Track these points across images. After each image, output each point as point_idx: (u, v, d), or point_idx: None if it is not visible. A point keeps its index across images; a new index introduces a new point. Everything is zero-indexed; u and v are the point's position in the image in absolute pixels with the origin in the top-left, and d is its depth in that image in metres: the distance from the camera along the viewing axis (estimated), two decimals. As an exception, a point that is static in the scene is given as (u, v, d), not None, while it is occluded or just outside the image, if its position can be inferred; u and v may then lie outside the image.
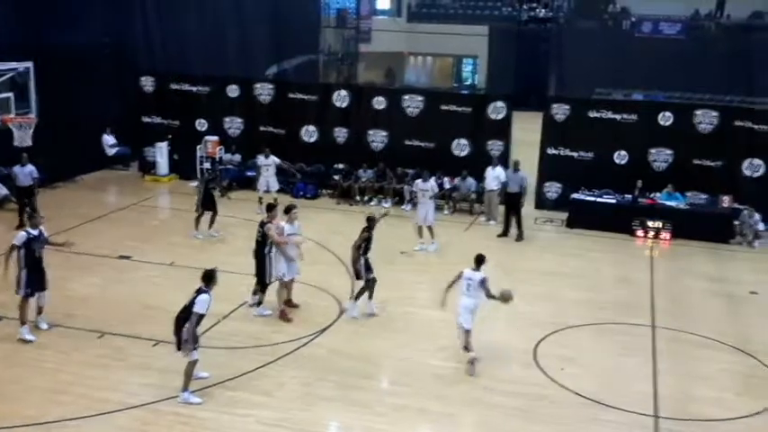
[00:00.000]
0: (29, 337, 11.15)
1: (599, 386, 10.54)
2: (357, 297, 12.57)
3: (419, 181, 16.74)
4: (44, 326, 11.54)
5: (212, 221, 16.15)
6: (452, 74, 45.96)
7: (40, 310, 11.50)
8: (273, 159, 18.48)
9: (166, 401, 9.68)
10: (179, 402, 9.69)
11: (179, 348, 9.68)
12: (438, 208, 19.11)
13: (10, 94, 13.97)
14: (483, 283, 10.76)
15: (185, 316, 9.62)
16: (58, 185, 19.82)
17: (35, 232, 11.34)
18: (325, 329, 11.99)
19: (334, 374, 10.57)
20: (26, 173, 16.25)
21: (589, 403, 10.15)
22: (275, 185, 18.55)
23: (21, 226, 15.94)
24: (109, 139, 21.73)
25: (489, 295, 10.80)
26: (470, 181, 19.01)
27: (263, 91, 21.00)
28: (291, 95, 20.84)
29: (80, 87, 20.26)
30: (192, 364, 9.71)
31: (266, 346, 11.30)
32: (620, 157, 18.75)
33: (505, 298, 10.86)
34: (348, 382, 10.38)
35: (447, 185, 19.17)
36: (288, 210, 12.50)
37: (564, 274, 15.19)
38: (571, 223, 18.12)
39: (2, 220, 16.64)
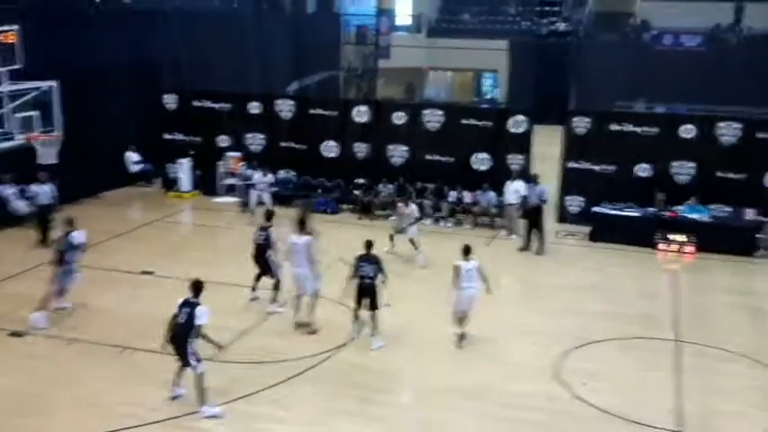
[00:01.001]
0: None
1: (622, 401, 10.45)
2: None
3: (401, 204, 16.32)
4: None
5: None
6: (472, 88, 45.98)
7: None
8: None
9: (187, 417, 9.72)
10: (202, 417, 9.73)
11: (186, 364, 9.74)
12: (458, 223, 19.17)
13: (34, 113, 14.18)
14: (480, 269, 11.85)
15: (185, 332, 9.62)
16: (82, 201, 20.04)
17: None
18: (345, 345, 11.98)
19: (355, 389, 10.56)
20: (46, 191, 16.49)
21: (612, 418, 10.05)
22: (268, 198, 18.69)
23: (44, 242, 16.18)
24: (132, 156, 21.98)
25: (485, 279, 11.90)
26: (490, 194, 18.98)
27: (285, 107, 21.16)
28: (312, 111, 20.97)
29: (104, 105, 20.56)
30: (202, 376, 9.76)
31: (287, 361, 11.31)
32: (642, 169, 18.63)
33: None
34: (368, 397, 10.38)
35: (467, 200, 19.16)
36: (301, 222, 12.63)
37: (586, 288, 15.09)
38: (594, 237, 18.00)
39: (25, 237, 16.81)
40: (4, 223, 17.28)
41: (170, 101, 21.94)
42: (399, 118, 20.21)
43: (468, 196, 19.23)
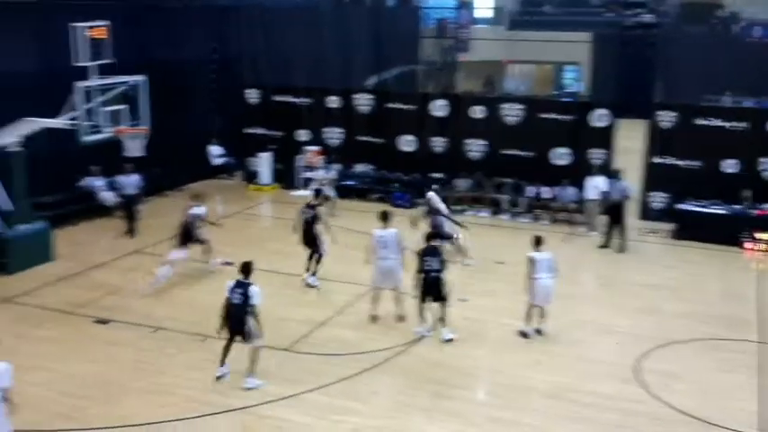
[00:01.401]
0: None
1: (701, 403, 10.12)
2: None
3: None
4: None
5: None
6: (553, 81, 45.22)
7: None
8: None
9: (266, 405, 9.89)
10: (247, 387, 10.22)
11: (246, 340, 10.21)
12: (537, 218, 18.88)
13: (123, 107, 14.66)
14: (553, 261, 11.91)
15: (242, 311, 10.09)
16: (167, 194, 20.66)
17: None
18: (419, 339, 11.97)
19: (429, 384, 10.54)
20: (131, 182, 17.15)
21: (691, 420, 9.75)
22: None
23: (129, 232, 16.78)
24: (215, 150, 22.50)
25: (556, 271, 11.97)
26: (570, 190, 18.62)
27: (363, 101, 21.27)
28: (390, 105, 21.01)
29: (188, 100, 21.12)
30: (258, 350, 10.28)
31: (361, 353, 11.39)
32: (729, 165, 17.93)
33: None
34: (442, 392, 10.34)
35: (546, 195, 18.86)
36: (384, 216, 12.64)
37: (668, 287, 14.66)
38: (678, 234, 17.44)
39: (112, 227, 17.47)
40: (92, 214, 17.98)
41: (252, 95, 22.36)
42: (478, 112, 20.03)
43: (546, 192, 18.91)
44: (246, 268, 10.41)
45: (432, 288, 11.82)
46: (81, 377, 10.55)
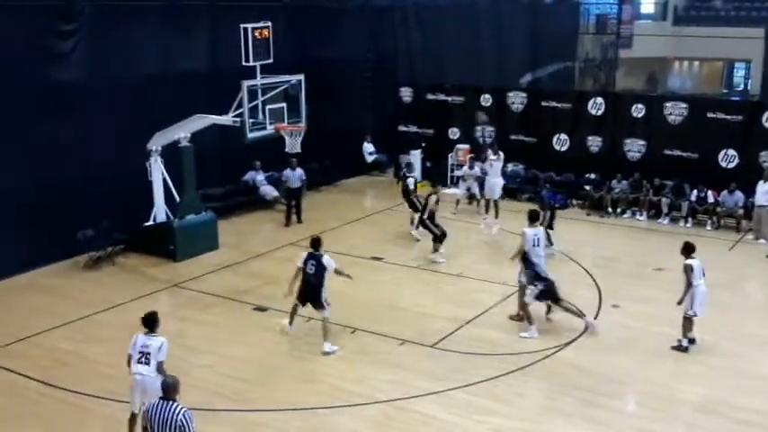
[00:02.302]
0: None
1: None
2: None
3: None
4: None
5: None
6: (721, 79, 42.68)
7: None
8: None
9: (411, 400, 10.01)
10: (325, 352, 11.22)
11: (320, 308, 11.26)
12: (700, 224, 17.92)
13: (283, 105, 15.27)
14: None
15: (318, 280, 11.17)
16: (322, 189, 21.36)
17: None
18: (569, 343, 11.70)
19: (576, 390, 10.28)
20: (296, 176, 17.97)
21: None
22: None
23: (288, 225, 17.52)
24: (368, 147, 23.01)
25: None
26: (738, 195, 17.50)
27: (516, 99, 21.01)
28: (544, 103, 20.63)
29: (343, 98, 21.70)
30: (328, 319, 11.32)
31: (508, 354, 11.27)
32: None
33: None
34: (589, 400, 10.05)
35: (710, 199, 17.83)
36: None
37: None
38: None
39: (271, 220, 18.31)
40: (253, 206, 18.90)
41: (406, 94, 22.66)
42: (638, 110, 19.25)
43: (711, 196, 17.86)
44: (316, 242, 11.44)
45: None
46: (241, 361, 11.13)
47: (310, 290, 11.27)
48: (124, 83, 15.86)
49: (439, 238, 15.40)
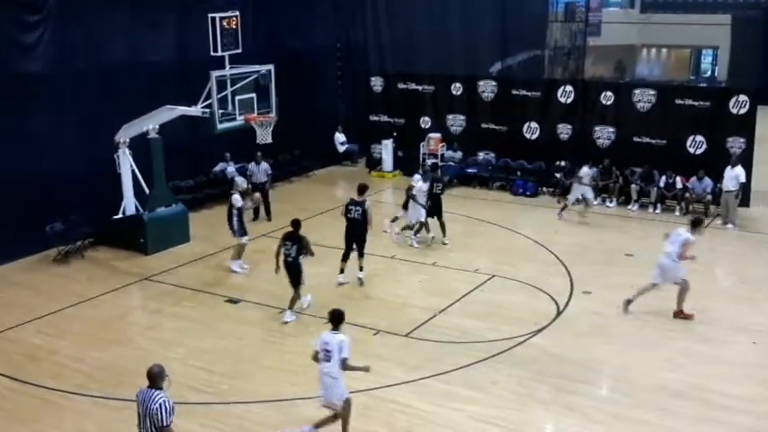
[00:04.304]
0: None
1: None
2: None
3: (417, 177, 15.73)
4: None
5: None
6: (689, 66, 43.17)
7: None
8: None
9: (387, 389, 10.01)
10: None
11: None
12: (668, 209, 18.13)
13: (253, 95, 15.16)
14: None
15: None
16: (293, 180, 21.26)
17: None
18: (541, 330, 11.79)
19: (549, 376, 10.36)
20: (261, 170, 17.68)
21: (838, 431, 9.12)
22: None
23: (255, 219, 17.31)
24: (340, 137, 22.95)
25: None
26: (707, 181, 17.72)
27: (486, 88, 21.05)
28: (515, 92, 20.69)
29: (314, 88, 21.61)
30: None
31: (481, 342, 11.33)
32: None
33: None
34: (563, 386, 10.13)
35: (679, 185, 18.04)
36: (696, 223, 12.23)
37: (813, 285, 13.75)
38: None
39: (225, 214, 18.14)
40: (224, 198, 18.62)
41: (376, 83, 22.60)
42: (607, 98, 19.40)
43: (679, 181, 18.08)
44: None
45: None
46: (214, 353, 11.07)
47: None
48: (91, 74, 15.67)
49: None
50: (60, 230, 14.93)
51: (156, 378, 7.21)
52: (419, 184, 15.42)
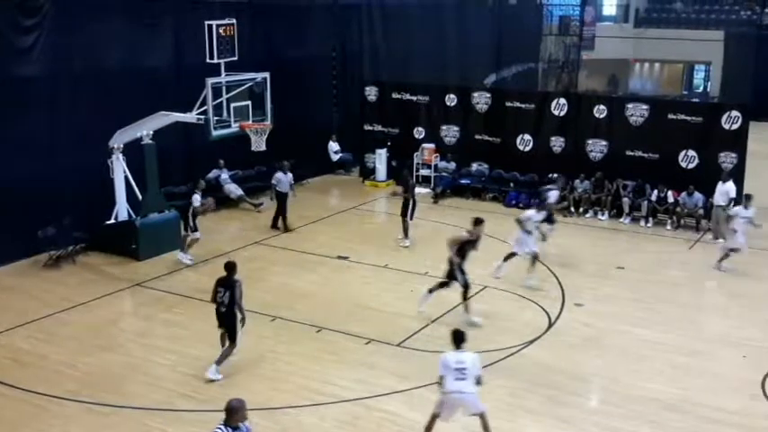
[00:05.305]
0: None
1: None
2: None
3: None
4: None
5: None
6: (682, 81, 43.44)
7: None
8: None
9: (377, 398, 10.01)
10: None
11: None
12: (660, 223, 18.20)
13: (248, 103, 15.18)
14: None
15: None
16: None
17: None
18: (533, 341, 11.81)
19: (540, 388, 10.38)
20: (287, 180, 17.27)
21: (827, 445, 9.16)
22: None
23: (274, 227, 17.27)
24: (333, 146, 22.95)
25: None
26: (697, 196, 17.80)
27: (481, 99, 21.11)
28: (509, 104, 20.76)
29: (309, 97, 21.62)
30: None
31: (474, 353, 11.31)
32: None
33: None
34: (555, 397, 10.15)
35: (670, 199, 18.13)
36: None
37: (803, 300, 13.83)
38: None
39: (235, 218, 18.17)
40: (219, 204, 18.58)
41: (371, 93, 22.64)
42: (600, 111, 19.49)
43: (671, 195, 18.16)
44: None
45: None
46: (205, 360, 10.98)
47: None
48: (86, 79, 15.64)
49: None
50: (52, 235, 14.87)
51: (232, 413, 6.92)
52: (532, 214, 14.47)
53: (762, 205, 17.06)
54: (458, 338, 8.69)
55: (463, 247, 12.27)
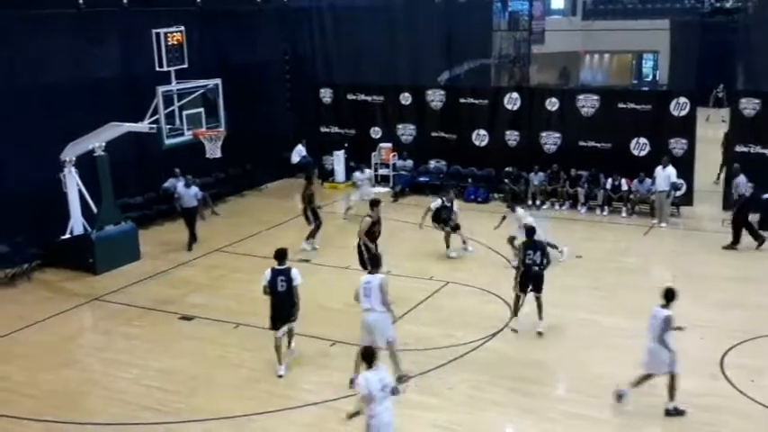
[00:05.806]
0: None
1: (793, 400, 9.74)
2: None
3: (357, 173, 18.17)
4: None
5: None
6: (631, 71, 44.16)
7: None
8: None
9: (343, 399, 9.98)
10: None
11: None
12: (615, 211, 18.50)
13: (201, 110, 15.08)
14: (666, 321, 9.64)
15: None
16: (245, 193, 21.14)
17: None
18: (494, 334, 11.91)
19: (505, 380, 10.49)
20: (191, 194, 16.54)
21: (782, 419, 9.40)
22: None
23: (190, 249, 16.46)
24: (301, 150, 22.54)
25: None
26: (648, 182, 18.15)
27: (435, 97, 21.26)
28: (462, 100, 20.94)
29: (263, 101, 21.53)
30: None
31: (436, 349, 11.41)
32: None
33: None
34: (519, 388, 10.27)
35: (624, 187, 18.44)
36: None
37: (754, 279, 14.17)
38: (764, 225, 16.79)
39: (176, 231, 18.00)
40: (176, 214, 18.44)
41: (326, 95, 22.65)
42: (552, 104, 19.75)
43: (625, 183, 18.48)
44: (280, 255, 10.74)
45: (532, 281, 11.91)
46: (168, 372, 10.93)
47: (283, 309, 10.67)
48: (33, 92, 15.37)
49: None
50: (5, 252, 14.60)
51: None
52: (523, 214, 14.87)
53: (704, 188, 17.56)
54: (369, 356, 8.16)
55: (371, 230, 13.26)
